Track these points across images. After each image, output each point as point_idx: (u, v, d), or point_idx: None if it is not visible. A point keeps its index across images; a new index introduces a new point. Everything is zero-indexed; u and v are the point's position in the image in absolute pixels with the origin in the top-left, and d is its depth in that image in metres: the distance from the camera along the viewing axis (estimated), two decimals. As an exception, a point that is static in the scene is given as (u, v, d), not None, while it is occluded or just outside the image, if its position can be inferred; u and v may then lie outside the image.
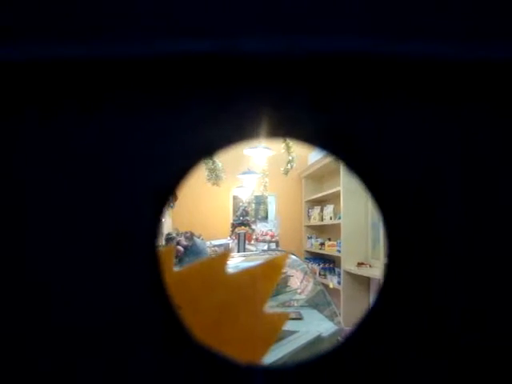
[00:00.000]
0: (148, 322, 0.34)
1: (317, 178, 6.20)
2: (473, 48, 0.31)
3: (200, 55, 0.31)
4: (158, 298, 0.34)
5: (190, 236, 3.79)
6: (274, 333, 0.60)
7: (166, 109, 0.33)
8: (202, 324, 0.58)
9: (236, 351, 0.43)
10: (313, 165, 5.78)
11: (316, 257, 6.12)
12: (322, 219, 5.94)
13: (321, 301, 2.92)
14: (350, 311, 4.61)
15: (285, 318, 0.61)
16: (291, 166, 4.63)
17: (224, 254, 0.64)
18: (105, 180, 0.34)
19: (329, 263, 5.83)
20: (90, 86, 0.33)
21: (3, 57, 0.31)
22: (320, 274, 5.70)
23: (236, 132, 0.33)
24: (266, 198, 6.20)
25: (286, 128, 0.33)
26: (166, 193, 0.34)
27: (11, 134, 0.35)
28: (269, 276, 0.59)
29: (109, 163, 0.34)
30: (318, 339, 2.29)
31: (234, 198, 6.16)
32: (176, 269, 0.62)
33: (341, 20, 0.32)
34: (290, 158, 4.47)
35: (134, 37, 0.32)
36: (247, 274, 0.59)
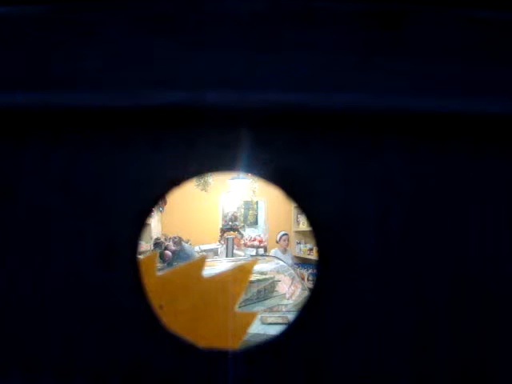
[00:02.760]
0: (130, 314, 0.42)
1: (306, 184, 6.20)
2: (388, 98, 0.40)
3: (172, 105, 0.39)
4: (138, 295, 0.42)
5: (179, 241, 3.84)
6: (243, 329, 0.68)
7: (148, 147, 0.42)
8: (181, 321, 0.66)
9: (210, 345, 0.50)
10: (302, 171, 5.81)
11: (305, 262, 6.15)
12: (310, 225, 5.97)
13: (308, 306, 2.92)
14: (337, 316, 4.65)
15: (253, 317, 0.68)
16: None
17: (200, 259, 0.72)
18: (97, 203, 0.42)
19: (317, 268, 5.86)
20: (89, 128, 0.42)
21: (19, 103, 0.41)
22: (309, 280, 5.72)
23: (200, 167, 0.42)
24: (256, 203, 6.24)
25: (239, 164, 0.42)
26: (145, 213, 0.42)
27: (19, 159, 0.43)
28: (239, 279, 0.67)
29: (101, 189, 0.42)
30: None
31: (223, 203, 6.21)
32: (160, 273, 0.70)
33: (282, 78, 0.41)
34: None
35: (120, 89, 0.40)
36: (220, 277, 0.66)
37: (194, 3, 0.44)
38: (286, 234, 5.24)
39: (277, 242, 5.25)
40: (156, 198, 0.42)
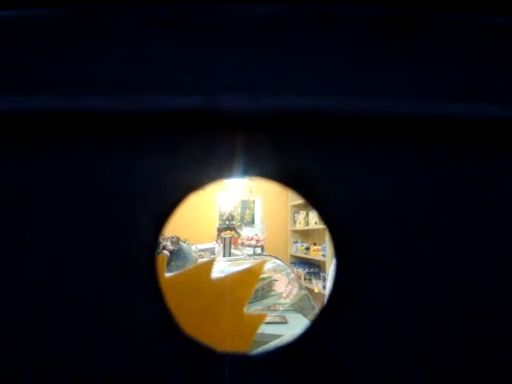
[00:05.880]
0: (148, 322, 0.42)
1: (302, 183, 6.22)
2: (396, 104, 0.41)
3: (190, 110, 0.40)
4: (156, 303, 0.42)
5: (176, 240, 3.84)
6: (252, 332, 0.68)
7: (165, 152, 0.42)
8: (189, 325, 0.66)
9: (219, 349, 0.50)
10: (298, 170, 5.83)
11: (301, 261, 6.17)
12: (307, 224, 5.99)
13: (305, 305, 2.94)
14: (334, 315, 4.66)
15: (262, 318, 0.68)
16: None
17: (209, 262, 0.72)
18: (115, 208, 0.42)
19: (314, 268, 5.89)
20: (104, 133, 0.42)
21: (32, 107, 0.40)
22: (305, 279, 5.74)
23: (218, 171, 0.42)
24: (252, 202, 6.24)
25: (256, 168, 0.42)
26: (163, 219, 0.42)
27: (32, 166, 0.43)
28: (247, 282, 0.67)
29: (118, 195, 0.42)
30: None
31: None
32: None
33: (296, 82, 0.41)
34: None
35: (134, 93, 0.40)
36: (228, 280, 0.66)
37: (206, 7, 0.44)
38: None
39: None
40: (173, 204, 0.42)
